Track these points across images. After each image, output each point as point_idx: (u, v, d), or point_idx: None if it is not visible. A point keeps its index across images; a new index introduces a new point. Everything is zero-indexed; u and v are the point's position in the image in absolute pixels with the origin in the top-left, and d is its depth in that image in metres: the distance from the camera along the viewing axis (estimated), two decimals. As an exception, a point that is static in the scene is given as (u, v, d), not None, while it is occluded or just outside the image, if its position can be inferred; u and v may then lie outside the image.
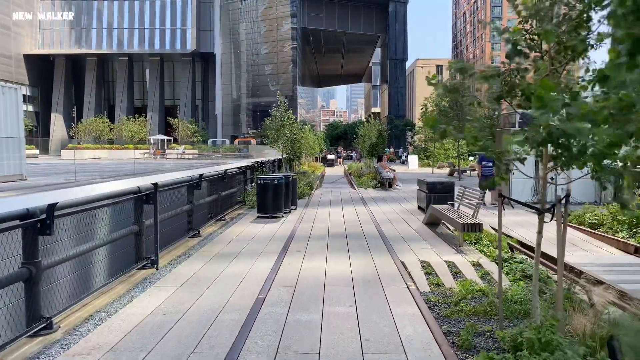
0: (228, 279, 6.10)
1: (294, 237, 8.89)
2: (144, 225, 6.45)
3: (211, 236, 9.04)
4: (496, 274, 6.31)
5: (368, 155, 26.99)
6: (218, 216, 10.80)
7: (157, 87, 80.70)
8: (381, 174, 19.59)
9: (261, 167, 16.69)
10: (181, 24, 79.77)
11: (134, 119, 63.01)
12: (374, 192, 17.99)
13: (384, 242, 8.36)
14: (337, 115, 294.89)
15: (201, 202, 9.42)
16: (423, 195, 12.30)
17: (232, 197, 12.48)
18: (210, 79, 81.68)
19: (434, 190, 11.82)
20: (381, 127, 25.47)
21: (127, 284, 5.91)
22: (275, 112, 17.81)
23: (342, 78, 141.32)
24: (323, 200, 15.35)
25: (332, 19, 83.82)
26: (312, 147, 38.80)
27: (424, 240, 8.62)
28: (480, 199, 8.41)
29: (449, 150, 40.08)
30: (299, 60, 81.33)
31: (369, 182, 20.41)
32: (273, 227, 10.00)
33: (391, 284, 5.86)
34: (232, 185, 12.48)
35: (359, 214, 11.94)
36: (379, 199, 15.52)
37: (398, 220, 11.00)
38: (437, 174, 29.81)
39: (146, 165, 37.44)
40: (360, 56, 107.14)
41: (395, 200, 15.14)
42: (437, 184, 11.87)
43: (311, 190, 18.37)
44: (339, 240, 8.62)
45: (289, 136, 17.78)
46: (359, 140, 31.26)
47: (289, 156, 18.94)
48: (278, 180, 11.19)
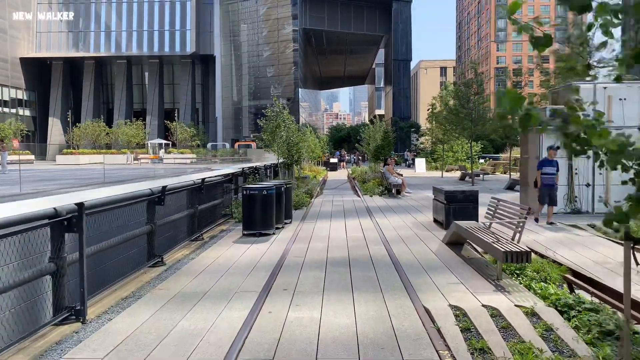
0: (178, 341, 4.22)
1: (282, 265, 7.01)
2: (63, 262, 4.59)
3: (178, 264, 7.17)
4: (564, 330, 4.41)
5: (373, 158, 25.09)
6: (194, 235, 8.93)
7: (156, 90, 79.09)
8: (388, 179, 17.71)
9: (254, 174, 14.83)
10: (180, 25, 78.20)
11: (130, 122, 61.23)
12: (380, 200, 16.09)
13: (398, 274, 6.46)
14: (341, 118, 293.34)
15: (167, 221, 7.56)
16: (440, 206, 10.40)
17: (214, 210, 10.62)
18: (210, 81, 79.99)
19: (454, 200, 9.92)
20: (387, 129, 23.58)
21: (31, 350, 4.04)
22: (270, 112, 15.96)
23: (345, 80, 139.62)
24: (323, 210, 13.46)
25: (334, 19, 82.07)
26: (314, 150, 36.99)
27: (449, 269, 6.71)
28: (523, 216, 6.50)
29: (458, 153, 38.13)
30: (300, 62, 79.60)
31: (374, 189, 18.52)
32: (259, 250, 8.12)
33: (415, 351, 3.96)
34: (214, 196, 10.62)
35: (364, 230, 10.04)
36: (386, 209, 13.61)
37: (412, 238, 9.09)
38: (447, 178, 27.88)
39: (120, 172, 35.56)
40: (364, 57, 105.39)
41: (406, 211, 13.23)
42: (458, 193, 9.97)
43: (310, 198, 16.50)
44: (340, 270, 6.73)
45: (285, 138, 15.91)
46: (362, 143, 29.36)
47: (286, 160, 17.08)
48: (267, 190, 9.32)
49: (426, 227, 10.41)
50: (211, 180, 10.00)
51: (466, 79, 22.53)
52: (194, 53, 77.19)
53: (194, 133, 60.48)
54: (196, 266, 7.01)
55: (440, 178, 28.25)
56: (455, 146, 37.73)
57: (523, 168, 12.91)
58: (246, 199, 9.34)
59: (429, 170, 36.48)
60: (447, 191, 9.99)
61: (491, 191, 19.11)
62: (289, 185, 11.00)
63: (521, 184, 13.01)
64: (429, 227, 10.42)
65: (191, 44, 77.38)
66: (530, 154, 12.46)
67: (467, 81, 22.38)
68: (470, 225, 7.48)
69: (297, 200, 14.12)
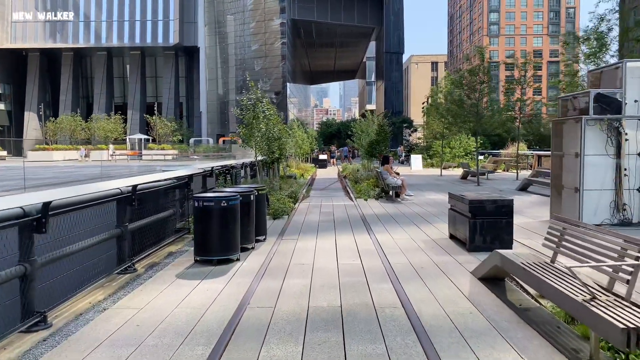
0: None
1: (237, 326, 4.43)
2: None
3: (73, 325, 4.56)
4: None
5: (366, 155, 22.54)
6: (122, 265, 6.31)
7: (138, 83, 75.91)
8: (386, 180, 15.16)
9: (225, 174, 12.19)
10: (163, 16, 75.02)
11: (108, 117, 58.06)
12: (377, 206, 13.54)
13: (422, 348, 3.91)
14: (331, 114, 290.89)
15: (62, 254, 4.92)
16: (461, 219, 7.86)
17: (163, 225, 7.98)
18: (194, 74, 76.93)
19: (482, 212, 7.39)
20: (382, 121, 21.04)
21: None
22: (245, 101, 13.32)
23: (336, 74, 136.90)
24: (308, 221, 10.87)
25: (324, 9, 79.24)
26: (302, 146, 34.41)
27: (501, 334, 4.17)
28: (634, 255, 3.93)
29: (455, 149, 35.75)
30: (289, 55, 76.77)
31: (369, 190, 15.98)
32: (209, 292, 5.52)
33: None
34: (162, 206, 7.98)
35: (361, 253, 7.46)
36: (386, 218, 11.06)
37: (429, 268, 6.53)
38: (447, 177, 25.43)
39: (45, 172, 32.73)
40: (354, 50, 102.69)
41: (411, 221, 10.68)
42: (488, 204, 7.43)
43: (295, 203, 13.92)
44: (328, 339, 4.14)
45: (264, 132, 13.29)
46: (354, 138, 26.79)
47: (267, 158, 14.47)
48: (229, 200, 6.72)
49: (443, 247, 7.86)
50: (153, 186, 7.34)
51: (472, 65, 20.02)
52: (178, 44, 74.12)
53: (175, 128, 57.43)
54: (99, 330, 4.38)
55: (440, 177, 25.80)
56: (453, 142, 35.38)
57: (555, 168, 10.41)
58: (199, 214, 6.73)
59: (425, 168, 34.02)
60: (473, 201, 7.44)
61: (502, 193, 16.66)
62: (262, 190, 8.39)
63: (553, 187, 10.52)
64: (447, 247, 7.87)
65: (174, 35, 74.28)
66: (566, 149, 9.97)
67: (473, 68, 19.88)
68: (525, 262, 4.92)
69: (277, 207, 11.53)
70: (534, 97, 31.29)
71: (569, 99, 10.10)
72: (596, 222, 9.46)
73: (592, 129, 9.33)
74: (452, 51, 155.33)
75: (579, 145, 9.45)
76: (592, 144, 9.37)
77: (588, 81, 10.18)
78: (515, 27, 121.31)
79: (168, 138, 56.35)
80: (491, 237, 7.44)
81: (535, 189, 17.67)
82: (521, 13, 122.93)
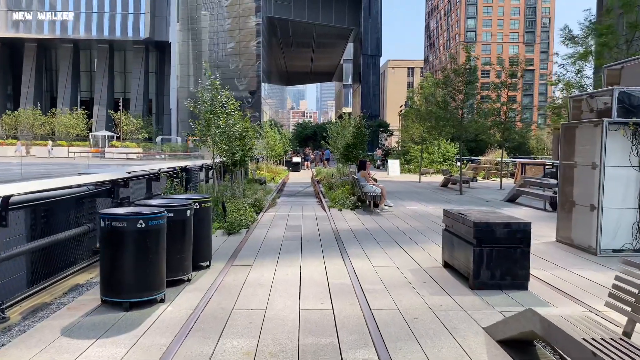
0: None
1: None
2: None
3: None
4: None
5: (342, 158, 20.78)
6: (-15, 313, 4.32)
7: (106, 78, 72.57)
8: (363, 188, 13.38)
9: (172, 178, 10.21)
10: (134, 8, 71.94)
11: (70, 112, 54.89)
12: (353, 218, 11.75)
13: None
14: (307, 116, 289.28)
15: None
16: (461, 245, 6.11)
17: (63, 251, 5.95)
18: (165, 70, 73.96)
19: (491, 239, 5.66)
20: (360, 123, 19.32)
21: None
22: (201, 93, 11.35)
23: (312, 76, 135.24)
24: (271, 238, 8.99)
25: (301, 8, 77.42)
26: (274, 147, 32.51)
27: None
28: None
29: (433, 154, 34.32)
30: (264, 53, 74.66)
31: (344, 199, 14.19)
32: (97, 367, 3.61)
33: None
34: (58, 224, 5.97)
35: (333, 292, 5.60)
36: (364, 236, 9.25)
37: (426, 321, 4.73)
38: (426, 184, 23.87)
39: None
40: (331, 52, 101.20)
41: (393, 239, 8.90)
42: (498, 228, 5.68)
43: (259, 212, 12.03)
44: None
45: (223, 129, 11.34)
46: (329, 140, 25.03)
47: (225, 160, 12.52)
48: (150, 219, 4.81)
49: (437, 281, 6.09)
50: (45, 197, 5.35)
51: (457, 65, 18.47)
52: (148, 39, 71.17)
53: (141, 125, 54.61)
54: None
55: (418, 183, 24.23)
56: (431, 147, 33.97)
57: (564, 180, 8.79)
58: (106, 237, 4.81)
59: (402, 173, 32.48)
60: (479, 224, 5.69)
61: (488, 204, 15.12)
62: (206, 203, 6.46)
63: (561, 203, 8.90)
64: (442, 280, 6.10)
65: (145, 29, 71.30)
66: (579, 159, 8.36)
67: (458, 68, 18.34)
68: (589, 337, 3.15)
69: (235, 218, 9.62)
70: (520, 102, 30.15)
71: (584, 99, 8.49)
72: (615, 246, 7.88)
73: (613, 135, 7.73)
74: (429, 57, 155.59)
75: (597, 154, 7.83)
76: (613, 153, 7.78)
77: (604, 79, 8.62)
78: (492, 34, 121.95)
79: (134, 135, 53.50)
80: (501, 272, 5.71)
81: (524, 200, 16.19)
82: (498, 21, 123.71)
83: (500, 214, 6.50)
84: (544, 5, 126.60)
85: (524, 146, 57.43)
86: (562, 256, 7.69)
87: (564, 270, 6.74)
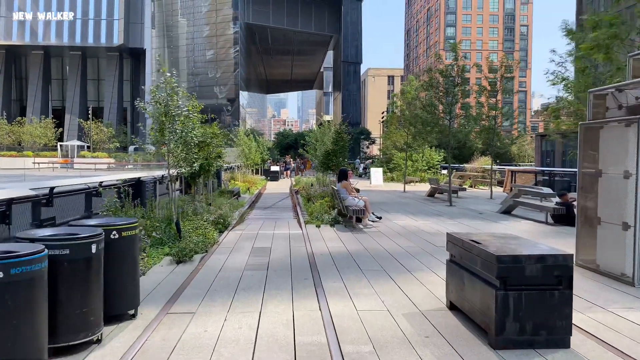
0: None
1: None
2: None
3: None
4: None
5: (322, 167, 19.18)
6: None
7: (78, 86, 70.02)
8: (344, 200, 11.77)
9: (121, 192, 8.43)
10: (107, 14, 69.73)
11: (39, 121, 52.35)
12: (333, 237, 10.11)
13: None
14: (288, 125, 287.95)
15: None
16: (474, 283, 4.52)
17: None
18: (141, 78, 71.68)
19: (519, 278, 4.09)
20: (340, 129, 17.78)
21: None
22: (154, 92, 9.67)
23: (293, 84, 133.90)
24: (229, 268, 7.28)
25: (280, 15, 76.05)
26: (249, 156, 30.81)
27: None
28: None
29: (417, 162, 32.98)
30: (242, 61, 72.99)
31: (322, 213, 12.57)
32: None
33: None
34: None
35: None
36: (346, 262, 7.61)
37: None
38: (411, 193, 22.40)
39: None
40: (312, 60, 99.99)
41: (381, 267, 7.28)
42: (528, 263, 4.10)
43: (222, 231, 10.35)
44: None
45: (181, 135, 9.65)
46: (307, 148, 23.43)
47: (185, 171, 10.81)
48: (17, 264, 3.11)
49: (443, 334, 4.48)
50: None
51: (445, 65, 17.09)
52: (122, 45, 68.97)
53: (112, 134, 52.31)
54: None
55: (404, 193, 22.74)
56: (415, 155, 32.64)
57: (586, 192, 7.30)
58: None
59: (385, 182, 31.00)
60: (503, 258, 4.10)
61: (482, 217, 13.67)
62: (129, 230, 4.74)
63: (582, 219, 7.40)
64: (451, 334, 4.49)
65: (119, 35, 69.09)
66: (604, 166, 6.89)
67: (445, 69, 16.95)
68: None
69: (189, 242, 7.90)
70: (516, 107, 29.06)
71: (609, 93, 7.02)
72: None
73: None
74: (409, 65, 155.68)
75: (630, 159, 6.35)
76: (649, 158, 6.30)
77: (629, 70, 7.19)
78: (472, 42, 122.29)
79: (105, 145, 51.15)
80: (535, 324, 4.12)
81: (520, 211, 14.79)
82: (477, 29, 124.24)
83: (525, 240, 4.91)
84: (522, 14, 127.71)
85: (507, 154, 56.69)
86: (592, 288, 6.16)
87: (603, 311, 5.20)
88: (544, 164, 45.26)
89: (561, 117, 16.50)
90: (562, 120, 15.36)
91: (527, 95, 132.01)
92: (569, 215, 11.75)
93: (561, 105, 14.76)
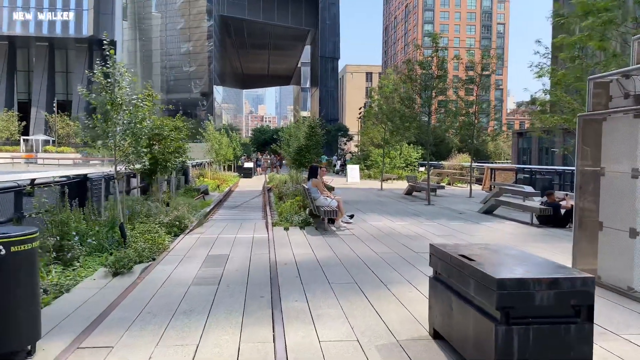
0: None
1: None
2: None
3: None
4: None
5: (294, 163, 18.15)
6: None
7: (45, 78, 67.34)
8: (315, 200, 10.76)
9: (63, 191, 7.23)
10: (76, 4, 67.19)
11: (1, 114, 49.93)
12: (301, 242, 9.09)
13: None
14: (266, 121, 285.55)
15: None
16: (469, 313, 3.54)
17: None
18: (111, 70, 69.23)
19: (527, 310, 3.12)
20: (313, 122, 16.76)
21: None
22: (98, 77, 8.47)
23: (270, 79, 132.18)
24: (173, 281, 6.20)
25: (255, 8, 74.47)
26: (221, 152, 29.55)
27: None
28: None
29: (395, 159, 32.21)
30: (217, 54, 71.26)
31: (292, 214, 11.56)
32: None
33: None
34: None
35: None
36: (313, 274, 6.60)
37: None
38: (389, 191, 21.53)
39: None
40: (289, 54, 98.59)
41: (354, 279, 6.29)
42: (538, 289, 3.15)
43: (178, 235, 9.24)
44: None
45: (127, 126, 8.47)
46: (281, 143, 22.35)
47: (141, 168, 9.62)
48: None
49: (428, 376, 3.50)
50: None
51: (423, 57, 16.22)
52: (92, 37, 66.51)
53: (78, 128, 50.23)
54: None
55: (380, 191, 21.86)
56: (393, 151, 31.84)
57: (585, 193, 6.43)
58: None
59: (362, 179, 30.12)
60: (506, 282, 3.14)
61: (462, 217, 12.83)
62: (24, 243, 3.63)
63: (580, 222, 6.53)
64: (437, 375, 3.52)
65: (88, 26, 66.64)
66: (607, 163, 6.03)
67: (424, 60, 16.08)
68: None
69: (127, 252, 6.78)
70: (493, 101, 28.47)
71: (613, 80, 6.16)
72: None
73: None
74: (387, 62, 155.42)
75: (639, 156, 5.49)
76: (661, 154, 5.46)
77: (633, 55, 6.35)
78: (449, 39, 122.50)
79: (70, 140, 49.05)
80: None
81: (503, 211, 14.00)
82: (455, 26, 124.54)
83: (528, 255, 3.96)
84: (499, 12, 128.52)
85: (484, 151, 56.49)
86: (597, 306, 5.26)
87: (618, 339, 4.31)
88: (520, 161, 45.11)
89: (547, 111, 15.78)
90: (550, 115, 14.61)
91: (504, 94, 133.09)
92: (555, 217, 11.00)
93: (552, 100, 13.98)
